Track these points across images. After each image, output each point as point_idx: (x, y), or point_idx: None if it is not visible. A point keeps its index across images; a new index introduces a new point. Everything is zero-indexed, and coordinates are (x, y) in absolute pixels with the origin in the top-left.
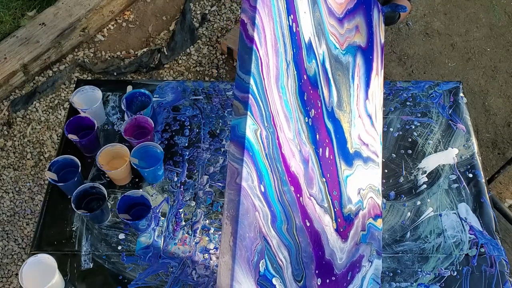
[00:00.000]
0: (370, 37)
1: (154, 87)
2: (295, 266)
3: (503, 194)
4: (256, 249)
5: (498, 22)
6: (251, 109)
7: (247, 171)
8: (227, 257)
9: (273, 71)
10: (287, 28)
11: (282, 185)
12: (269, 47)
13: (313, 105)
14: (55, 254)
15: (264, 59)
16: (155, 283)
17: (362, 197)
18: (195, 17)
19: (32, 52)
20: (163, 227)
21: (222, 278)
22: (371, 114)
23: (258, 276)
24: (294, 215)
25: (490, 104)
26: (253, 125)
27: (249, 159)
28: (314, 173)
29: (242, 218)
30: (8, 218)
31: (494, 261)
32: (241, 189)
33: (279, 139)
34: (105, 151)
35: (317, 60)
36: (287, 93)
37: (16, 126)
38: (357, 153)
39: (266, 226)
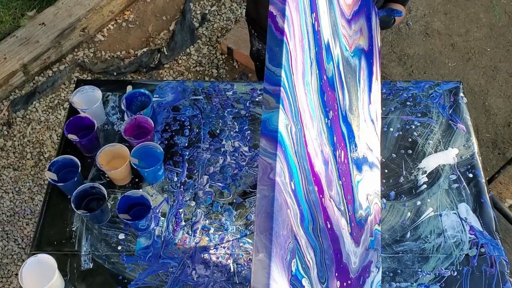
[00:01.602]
0: (370, 41)
1: (154, 87)
2: (320, 267)
3: (503, 194)
4: (289, 248)
5: (498, 22)
6: (283, 103)
7: (280, 166)
8: (262, 255)
9: (300, 66)
10: (311, 25)
11: (308, 184)
12: (297, 41)
13: (331, 106)
14: (55, 254)
15: (293, 53)
16: (155, 283)
17: (369, 203)
18: (195, 17)
19: (32, 52)
20: (163, 227)
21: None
22: (374, 119)
23: (290, 275)
24: (318, 216)
25: (490, 104)
26: (285, 119)
27: (282, 154)
28: (333, 175)
29: (276, 215)
30: (8, 218)
31: (494, 261)
32: (275, 185)
33: (305, 137)
34: (105, 151)
35: (333, 62)
36: (311, 91)
37: (16, 126)
38: (364, 158)
39: (296, 225)
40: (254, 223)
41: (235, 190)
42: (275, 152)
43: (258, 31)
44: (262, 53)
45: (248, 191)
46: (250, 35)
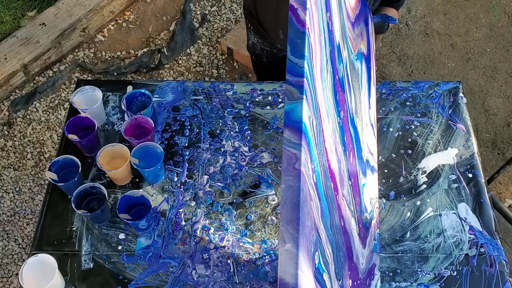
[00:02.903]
0: (368, 46)
1: (154, 87)
2: (336, 264)
3: (502, 194)
4: (312, 240)
5: (498, 22)
6: (306, 94)
7: (304, 157)
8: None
9: (318, 62)
10: (326, 24)
11: (326, 179)
12: (316, 36)
13: (342, 107)
14: (55, 254)
15: (314, 46)
16: (155, 283)
17: (372, 207)
18: (195, 18)
19: (32, 52)
20: (163, 227)
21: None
22: (373, 124)
23: (314, 268)
24: (334, 212)
25: (489, 104)
26: (307, 111)
27: (306, 145)
28: (344, 175)
29: (302, 205)
30: (9, 218)
31: (494, 261)
32: (301, 175)
33: (323, 133)
34: (105, 151)
35: (343, 64)
36: (327, 88)
37: (17, 126)
38: (367, 162)
39: (318, 218)
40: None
41: (235, 190)
42: (300, 142)
43: (254, 25)
44: (258, 47)
45: (248, 191)
46: (246, 28)
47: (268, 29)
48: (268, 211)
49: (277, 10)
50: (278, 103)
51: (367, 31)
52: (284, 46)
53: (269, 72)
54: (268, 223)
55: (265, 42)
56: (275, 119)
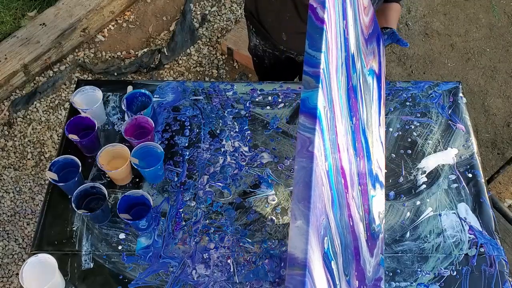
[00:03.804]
0: (379, 66)
1: (154, 87)
2: (345, 259)
3: (502, 194)
4: (323, 224)
5: (497, 23)
6: (322, 84)
7: (318, 141)
8: (300, 222)
9: (334, 60)
10: (342, 30)
11: (337, 173)
12: (332, 36)
13: (355, 113)
14: (56, 254)
15: (330, 44)
16: (155, 282)
17: (380, 221)
18: (195, 18)
19: (32, 53)
20: (163, 227)
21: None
22: (382, 141)
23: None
24: (344, 209)
25: (489, 104)
26: (322, 100)
27: (320, 131)
28: (355, 178)
29: (314, 186)
30: (9, 218)
31: (494, 261)
32: (314, 157)
33: (337, 128)
34: (106, 151)
35: (356, 74)
36: (341, 89)
37: (17, 126)
38: (377, 176)
39: (329, 206)
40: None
41: (235, 190)
42: (314, 127)
43: (256, 27)
44: (260, 49)
45: (248, 191)
46: (248, 30)
47: (270, 30)
48: (268, 211)
49: (280, 11)
50: (278, 103)
51: (379, 52)
52: (287, 48)
53: (271, 73)
54: (268, 223)
55: (267, 44)
56: (275, 119)
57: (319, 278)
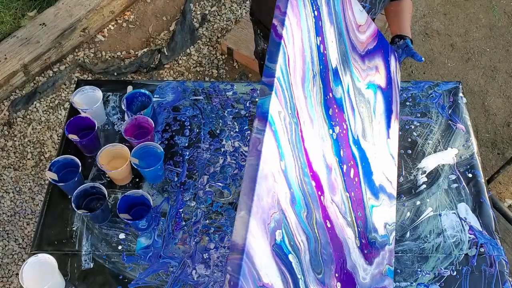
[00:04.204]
0: (389, 81)
1: (154, 87)
2: (313, 256)
3: (502, 194)
4: (274, 217)
5: (497, 23)
6: (276, 92)
7: (267, 142)
8: (243, 213)
9: (299, 72)
10: (315, 45)
11: (303, 175)
12: (296, 50)
13: (338, 123)
14: (56, 254)
15: (292, 57)
16: (155, 282)
17: (388, 232)
18: (195, 18)
19: (32, 52)
20: (163, 227)
21: (238, 230)
22: (393, 154)
23: (274, 242)
24: (314, 209)
25: (489, 104)
26: (276, 106)
27: (271, 133)
28: (337, 184)
29: (260, 180)
30: (9, 218)
31: (494, 261)
32: (261, 155)
33: (303, 133)
34: (106, 151)
35: (343, 87)
36: (312, 99)
37: (17, 126)
38: (382, 187)
39: (285, 202)
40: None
41: (235, 190)
42: (264, 129)
43: (264, 31)
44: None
45: None
46: (255, 35)
47: None
48: None
49: None
50: None
51: (387, 68)
52: None
53: None
54: None
55: None
56: None
57: (266, 267)
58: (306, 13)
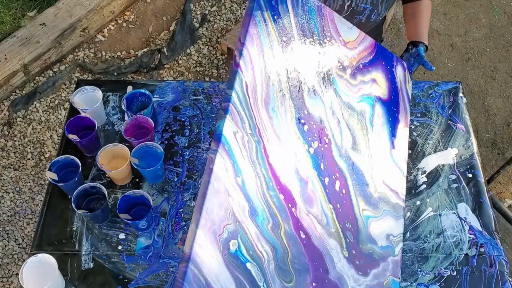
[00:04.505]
0: (393, 92)
1: (154, 87)
2: (281, 266)
3: (502, 194)
4: (227, 228)
5: (497, 23)
6: (231, 115)
7: (220, 160)
8: (193, 225)
9: (262, 95)
10: (284, 68)
11: (268, 189)
12: (257, 75)
13: (316, 138)
14: (56, 254)
15: (251, 82)
16: (155, 282)
17: (392, 244)
18: (195, 18)
19: (32, 52)
20: (163, 227)
21: (187, 241)
22: (399, 164)
23: (226, 251)
24: (282, 220)
25: (489, 104)
26: (231, 127)
27: (224, 152)
28: (316, 196)
29: (210, 196)
30: (9, 218)
31: (494, 261)
32: (212, 173)
33: (266, 150)
34: (106, 151)
35: (324, 103)
36: (279, 117)
37: (17, 126)
38: (383, 198)
39: (242, 215)
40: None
41: None
42: (217, 149)
43: None
44: None
45: None
46: None
47: None
48: None
49: None
50: None
51: (391, 79)
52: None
53: None
54: None
55: None
56: None
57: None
58: (270, 41)
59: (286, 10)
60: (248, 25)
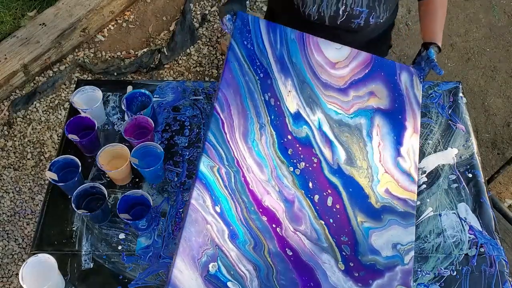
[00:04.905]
0: (397, 100)
1: (154, 87)
2: (265, 283)
3: (502, 194)
4: (206, 252)
5: (497, 23)
6: (207, 152)
7: (197, 193)
8: (174, 253)
9: (239, 129)
10: (263, 102)
11: (249, 213)
12: (234, 113)
13: (303, 159)
14: (56, 254)
15: (227, 120)
16: (155, 282)
17: (401, 253)
18: (195, 18)
19: (32, 52)
20: (163, 227)
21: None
22: (408, 171)
23: (206, 273)
24: (266, 240)
25: (489, 104)
26: (208, 162)
27: (201, 185)
28: (304, 214)
29: (188, 226)
30: (9, 218)
31: (494, 261)
32: (190, 205)
33: (246, 178)
34: (105, 151)
35: (310, 125)
36: (260, 146)
37: (17, 126)
38: (388, 208)
39: (222, 239)
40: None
41: None
42: (194, 183)
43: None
44: None
45: None
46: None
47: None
48: None
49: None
50: None
51: (393, 87)
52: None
53: None
54: None
55: None
56: None
57: None
58: (247, 79)
59: (263, 50)
60: (224, 71)
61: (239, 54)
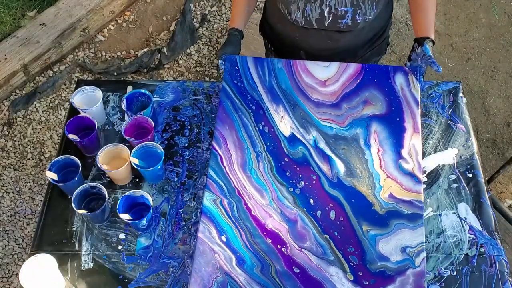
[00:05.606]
0: (393, 103)
1: (154, 87)
2: None
3: (502, 194)
4: (216, 280)
5: (497, 22)
6: (209, 187)
7: (203, 226)
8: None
9: (237, 161)
10: (257, 131)
11: (253, 237)
12: (230, 147)
13: (301, 178)
14: (56, 254)
15: (225, 154)
16: (155, 282)
17: (411, 256)
18: (195, 18)
19: (32, 52)
20: (163, 227)
21: None
22: (412, 172)
23: None
24: (272, 261)
25: (489, 104)
26: (211, 196)
27: (206, 219)
28: (308, 230)
29: (197, 258)
30: (9, 218)
31: (494, 261)
32: (198, 238)
33: (248, 205)
34: (106, 151)
35: (306, 145)
36: (258, 173)
37: (17, 126)
38: (392, 212)
39: (230, 266)
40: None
41: None
42: (201, 218)
43: (275, 45)
44: None
45: None
46: (266, 48)
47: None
48: None
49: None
50: None
51: (389, 91)
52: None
53: None
54: None
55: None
56: None
57: None
58: (240, 114)
59: (253, 84)
60: (218, 111)
61: (231, 93)
